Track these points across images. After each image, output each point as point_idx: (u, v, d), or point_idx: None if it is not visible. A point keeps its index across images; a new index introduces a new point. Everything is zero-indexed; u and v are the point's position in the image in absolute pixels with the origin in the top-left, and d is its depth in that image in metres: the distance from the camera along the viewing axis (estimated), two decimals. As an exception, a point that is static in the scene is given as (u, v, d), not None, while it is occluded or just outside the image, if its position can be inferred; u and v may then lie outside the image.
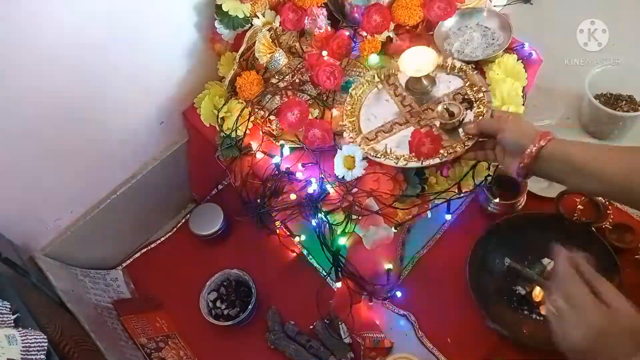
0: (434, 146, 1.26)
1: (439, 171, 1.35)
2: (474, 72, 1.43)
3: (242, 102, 1.54)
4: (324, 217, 1.37)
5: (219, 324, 1.56)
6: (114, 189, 1.63)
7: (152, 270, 1.77)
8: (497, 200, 1.53)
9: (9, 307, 1.11)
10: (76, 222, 1.59)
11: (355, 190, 1.38)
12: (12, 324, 1.08)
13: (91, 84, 1.36)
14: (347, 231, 1.36)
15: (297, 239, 1.50)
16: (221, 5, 1.49)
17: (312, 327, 1.56)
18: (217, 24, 1.52)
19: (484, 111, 1.30)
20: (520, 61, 1.45)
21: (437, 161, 1.25)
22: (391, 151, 1.31)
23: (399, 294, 1.53)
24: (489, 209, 1.58)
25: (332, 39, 1.56)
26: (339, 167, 1.35)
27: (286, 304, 1.62)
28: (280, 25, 1.55)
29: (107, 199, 1.62)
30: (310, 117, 1.50)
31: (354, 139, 1.36)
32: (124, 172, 1.64)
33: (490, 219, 1.56)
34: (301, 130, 1.50)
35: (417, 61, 1.36)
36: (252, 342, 1.58)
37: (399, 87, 1.45)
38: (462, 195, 1.36)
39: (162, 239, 1.85)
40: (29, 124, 1.30)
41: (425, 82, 1.41)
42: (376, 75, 1.48)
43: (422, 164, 1.26)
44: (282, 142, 1.49)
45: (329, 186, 1.40)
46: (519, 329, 1.43)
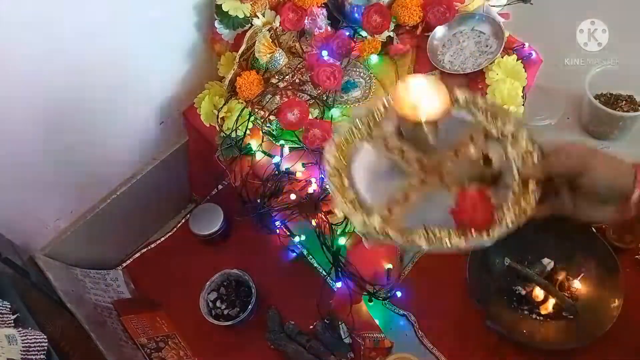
0: (486, 207, 0.84)
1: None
2: (489, 102, 0.95)
3: (242, 102, 1.54)
4: (324, 217, 1.37)
5: (219, 324, 1.56)
6: (114, 189, 1.63)
7: (152, 270, 1.78)
8: (497, 200, 1.53)
9: (9, 307, 1.11)
10: (76, 222, 1.59)
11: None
12: (12, 324, 1.08)
13: (91, 84, 1.36)
14: (347, 231, 1.36)
15: (297, 239, 1.50)
16: (221, 5, 1.49)
17: (312, 327, 1.56)
18: (217, 24, 1.52)
19: (532, 149, 0.84)
20: (520, 61, 1.45)
21: (505, 229, 0.81)
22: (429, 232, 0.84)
23: (399, 294, 1.53)
24: (489, 209, 1.58)
25: (332, 39, 1.56)
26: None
27: (286, 304, 1.62)
28: (280, 25, 1.55)
29: (107, 199, 1.62)
30: (310, 117, 1.50)
31: (368, 229, 0.85)
32: (124, 172, 1.64)
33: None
34: (301, 130, 1.50)
35: (417, 99, 0.86)
36: (252, 342, 1.58)
37: (389, 138, 0.92)
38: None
39: (162, 239, 1.85)
40: (29, 125, 1.30)
41: (426, 128, 0.89)
42: (354, 130, 0.93)
43: (488, 235, 0.81)
44: (282, 142, 1.49)
45: (329, 186, 1.40)
46: (519, 329, 1.43)
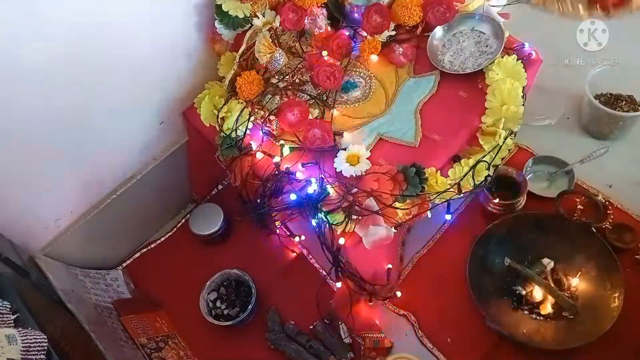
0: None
1: (439, 171, 1.36)
2: None
3: (242, 102, 1.54)
4: (324, 217, 1.38)
5: (219, 324, 1.56)
6: (114, 189, 1.63)
7: (152, 270, 1.77)
8: (496, 200, 1.53)
9: (9, 307, 1.11)
10: (76, 222, 1.59)
11: (355, 190, 1.38)
12: (12, 324, 1.08)
13: (91, 85, 1.36)
14: (347, 231, 1.36)
15: (297, 239, 1.50)
16: (221, 5, 1.49)
17: (312, 327, 1.56)
18: (217, 24, 1.52)
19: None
20: (520, 61, 1.45)
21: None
22: None
23: (399, 294, 1.53)
24: (489, 209, 1.58)
25: (332, 39, 1.56)
26: (341, 164, 1.36)
27: (286, 304, 1.62)
28: (280, 25, 1.55)
29: (107, 199, 1.62)
30: (310, 117, 1.50)
31: None
32: (124, 172, 1.64)
33: (490, 219, 1.56)
34: (301, 130, 1.50)
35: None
36: (252, 342, 1.58)
37: None
38: (461, 195, 1.36)
39: (162, 239, 1.85)
40: (29, 125, 1.29)
41: None
42: None
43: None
44: (282, 142, 1.49)
45: (328, 186, 1.40)
46: (519, 329, 1.43)
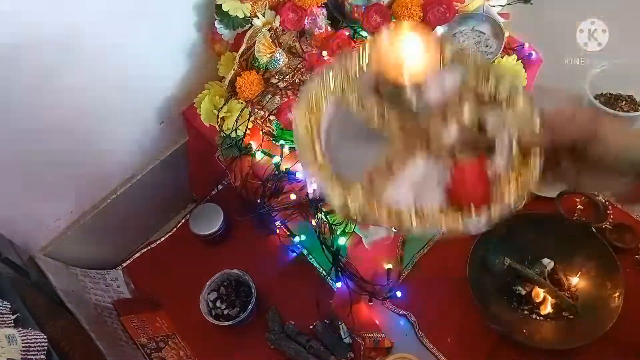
0: (487, 181, 0.72)
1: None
2: (472, 51, 0.97)
3: (242, 102, 1.54)
4: (324, 217, 1.38)
5: (219, 324, 1.56)
6: (113, 189, 1.63)
7: (152, 270, 1.77)
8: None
9: (9, 307, 1.11)
10: (76, 222, 1.59)
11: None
12: (12, 324, 1.08)
13: (90, 84, 1.36)
14: (347, 231, 1.36)
15: (297, 239, 1.50)
16: (221, 5, 1.49)
17: (312, 327, 1.56)
18: (217, 24, 1.52)
19: (531, 114, 0.73)
20: (520, 61, 1.45)
21: (507, 207, 0.70)
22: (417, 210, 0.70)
23: (399, 294, 1.53)
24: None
25: (332, 39, 1.56)
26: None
27: (286, 304, 1.62)
28: (280, 25, 1.54)
29: (107, 199, 1.62)
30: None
31: (349, 207, 0.69)
32: (123, 172, 1.64)
33: (490, 219, 1.56)
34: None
35: (404, 55, 0.75)
36: (252, 342, 1.58)
37: (365, 95, 0.77)
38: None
39: (162, 239, 1.85)
40: (29, 124, 1.30)
41: (409, 90, 0.77)
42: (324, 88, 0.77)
43: (490, 218, 0.69)
44: (282, 142, 1.49)
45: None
46: (519, 329, 1.43)
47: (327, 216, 1.37)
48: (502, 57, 1.46)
